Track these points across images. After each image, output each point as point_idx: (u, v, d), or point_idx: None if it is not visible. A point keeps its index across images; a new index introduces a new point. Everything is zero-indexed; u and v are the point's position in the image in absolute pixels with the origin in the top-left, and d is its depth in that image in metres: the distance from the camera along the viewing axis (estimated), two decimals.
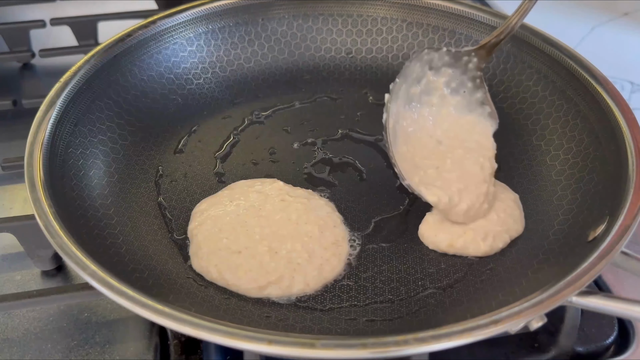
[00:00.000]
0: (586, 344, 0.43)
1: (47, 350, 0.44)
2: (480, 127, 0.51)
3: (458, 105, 0.52)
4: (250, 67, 0.64)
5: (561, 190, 0.50)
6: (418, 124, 0.51)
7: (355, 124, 0.60)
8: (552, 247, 0.45)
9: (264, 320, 0.41)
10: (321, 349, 0.33)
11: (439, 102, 0.52)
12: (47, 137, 0.47)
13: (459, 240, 0.46)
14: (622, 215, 0.40)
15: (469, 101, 0.52)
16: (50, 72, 0.74)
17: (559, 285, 0.36)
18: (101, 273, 0.37)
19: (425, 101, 0.51)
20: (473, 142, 0.51)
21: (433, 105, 0.52)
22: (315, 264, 0.45)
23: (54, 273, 0.50)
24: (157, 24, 0.59)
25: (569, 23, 0.84)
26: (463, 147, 0.50)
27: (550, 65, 0.56)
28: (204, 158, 0.56)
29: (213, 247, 0.46)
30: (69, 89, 0.51)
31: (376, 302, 0.44)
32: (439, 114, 0.52)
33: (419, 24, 0.63)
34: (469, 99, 0.52)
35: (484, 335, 0.34)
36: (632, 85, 0.73)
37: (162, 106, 0.59)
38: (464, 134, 0.51)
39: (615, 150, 0.47)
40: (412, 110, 0.51)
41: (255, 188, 0.51)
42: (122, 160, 0.53)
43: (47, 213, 0.40)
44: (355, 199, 0.52)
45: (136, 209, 0.50)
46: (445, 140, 0.51)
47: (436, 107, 0.52)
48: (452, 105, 0.52)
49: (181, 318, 0.34)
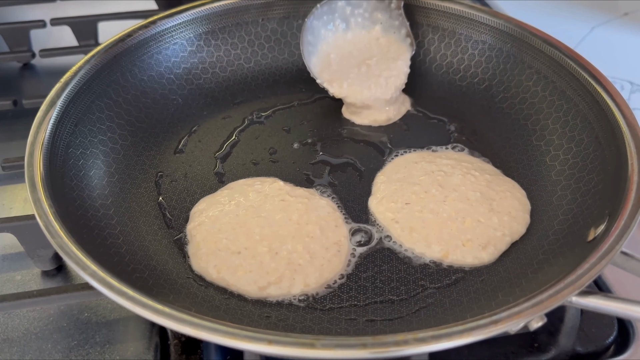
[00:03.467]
0: (586, 344, 0.43)
1: (47, 350, 0.44)
2: (397, 47, 0.61)
3: (380, 29, 0.62)
4: (250, 67, 0.64)
5: (561, 190, 0.50)
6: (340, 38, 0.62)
7: (355, 123, 0.60)
8: (552, 247, 0.45)
9: (264, 320, 0.41)
10: (321, 349, 0.33)
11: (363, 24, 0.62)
12: (47, 137, 0.47)
13: (456, 252, 0.46)
14: (622, 215, 0.40)
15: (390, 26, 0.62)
16: (50, 72, 0.74)
17: (559, 285, 0.36)
18: (101, 273, 0.37)
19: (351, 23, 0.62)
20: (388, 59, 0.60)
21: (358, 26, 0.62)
22: (316, 264, 0.45)
23: (54, 273, 0.50)
24: (157, 24, 0.59)
25: (569, 23, 0.84)
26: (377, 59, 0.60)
27: (550, 65, 0.56)
28: (204, 158, 0.56)
29: (212, 247, 0.46)
30: (69, 89, 0.51)
31: (376, 302, 0.44)
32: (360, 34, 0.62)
33: (419, 24, 0.63)
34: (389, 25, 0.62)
35: (484, 335, 0.34)
36: (632, 85, 0.73)
37: (162, 106, 0.59)
38: (379, 50, 0.61)
39: (615, 150, 0.47)
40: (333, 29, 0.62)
41: (255, 188, 0.51)
42: (122, 160, 0.53)
43: (47, 213, 0.40)
44: (355, 199, 0.52)
45: (136, 209, 0.50)
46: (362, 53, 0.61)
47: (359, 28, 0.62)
48: (376, 26, 0.62)
49: (181, 318, 0.34)
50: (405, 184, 0.51)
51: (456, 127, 0.59)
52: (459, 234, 0.47)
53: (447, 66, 0.63)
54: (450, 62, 0.63)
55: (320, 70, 0.60)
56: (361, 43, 0.62)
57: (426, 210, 0.49)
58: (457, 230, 0.47)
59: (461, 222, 0.48)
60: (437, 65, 0.64)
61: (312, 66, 0.60)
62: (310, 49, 0.60)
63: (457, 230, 0.47)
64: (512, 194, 0.50)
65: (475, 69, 0.62)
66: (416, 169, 0.53)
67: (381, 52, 0.61)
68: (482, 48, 0.61)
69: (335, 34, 0.62)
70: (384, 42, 0.62)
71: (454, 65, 0.63)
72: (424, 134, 0.58)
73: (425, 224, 0.48)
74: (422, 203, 0.49)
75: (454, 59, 0.63)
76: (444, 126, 0.59)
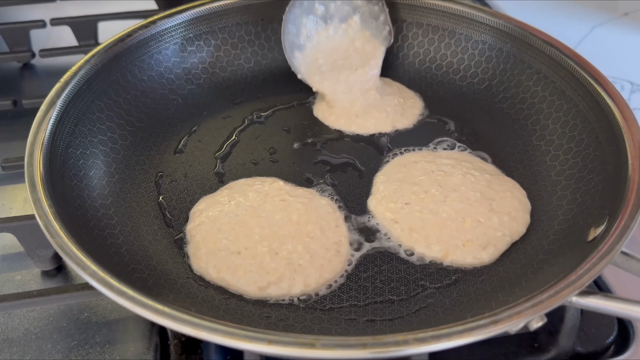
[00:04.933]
0: (586, 344, 0.43)
1: (47, 350, 0.44)
2: (374, 42, 0.63)
3: (358, 24, 0.63)
4: (250, 67, 0.64)
5: (561, 190, 0.50)
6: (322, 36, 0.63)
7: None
8: (552, 247, 0.45)
9: (264, 320, 0.41)
10: (321, 349, 0.33)
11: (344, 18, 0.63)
12: (47, 137, 0.47)
13: (456, 252, 0.46)
14: (622, 215, 0.40)
15: (368, 19, 0.63)
16: (50, 72, 0.74)
17: (559, 285, 0.36)
18: (101, 273, 0.37)
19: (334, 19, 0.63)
20: (363, 53, 0.62)
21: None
22: (316, 264, 0.45)
23: (54, 273, 0.50)
24: (157, 24, 0.59)
25: (569, 23, 0.84)
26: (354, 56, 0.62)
27: (550, 65, 0.56)
28: (204, 158, 0.56)
29: (212, 247, 0.46)
30: (69, 89, 0.51)
31: (376, 302, 0.44)
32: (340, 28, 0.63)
33: (419, 24, 0.63)
34: (367, 18, 0.63)
35: (484, 335, 0.34)
36: (632, 85, 0.73)
37: (162, 106, 0.59)
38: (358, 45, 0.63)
39: (615, 150, 0.47)
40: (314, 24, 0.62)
41: (255, 187, 0.51)
42: (122, 160, 0.53)
43: (47, 213, 0.40)
44: (355, 199, 0.52)
45: (136, 209, 0.50)
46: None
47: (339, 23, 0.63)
48: (354, 23, 0.63)
49: (181, 318, 0.34)
50: (405, 184, 0.51)
51: (456, 127, 0.59)
52: (459, 234, 0.47)
53: (447, 66, 0.63)
54: (450, 62, 0.63)
55: (307, 69, 0.61)
56: (341, 45, 0.63)
57: (426, 210, 0.49)
58: (457, 230, 0.47)
59: (461, 222, 0.48)
60: (437, 65, 0.64)
61: (294, 60, 0.61)
62: (293, 40, 0.61)
63: (457, 230, 0.47)
64: (512, 194, 0.50)
65: (475, 69, 0.62)
66: (416, 168, 0.53)
67: (358, 53, 0.63)
68: (482, 48, 0.61)
69: (316, 28, 0.62)
70: (359, 45, 0.63)
71: (454, 65, 0.63)
72: (423, 134, 0.58)
73: (425, 224, 0.48)
74: (422, 203, 0.49)
75: (454, 59, 0.63)
76: (444, 126, 0.59)
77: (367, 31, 0.62)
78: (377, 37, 0.62)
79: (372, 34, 0.62)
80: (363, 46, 0.62)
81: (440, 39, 0.63)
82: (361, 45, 0.62)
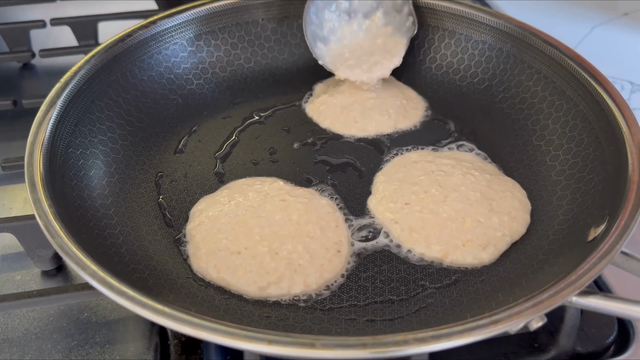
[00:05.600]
0: (586, 344, 0.43)
1: (47, 350, 0.44)
2: (395, 39, 0.63)
3: (381, 19, 0.63)
4: (250, 67, 0.64)
5: (561, 190, 0.50)
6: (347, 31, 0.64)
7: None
8: (552, 247, 0.45)
9: (264, 320, 0.41)
10: (321, 349, 0.33)
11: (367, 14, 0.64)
12: (47, 137, 0.47)
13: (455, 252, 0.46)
14: (622, 215, 0.40)
15: (391, 12, 0.63)
16: (50, 72, 0.74)
17: (559, 285, 0.36)
18: (101, 273, 0.37)
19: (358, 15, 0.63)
20: (385, 49, 0.63)
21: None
22: (316, 264, 0.45)
23: (54, 273, 0.50)
24: (157, 24, 0.59)
25: (569, 23, 0.84)
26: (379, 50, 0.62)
27: (550, 65, 0.56)
28: (204, 158, 0.56)
29: (212, 247, 0.46)
30: (69, 89, 0.51)
31: (376, 302, 0.44)
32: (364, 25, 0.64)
33: (418, 24, 0.63)
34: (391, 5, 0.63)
35: (484, 335, 0.34)
36: (632, 85, 0.73)
37: (162, 106, 0.59)
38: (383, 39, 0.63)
39: (615, 150, 0.47)
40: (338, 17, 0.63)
41: (255, 187, 0.51)
42: (122, 160, 0.53)
43: (47, 213, 0.40)
44: (355, 199, 0.52)
45: (136, 209, 0.50)
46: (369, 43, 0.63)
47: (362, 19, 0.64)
48: (377, 20, 0.63)
49: (181, 318, 0.34)
50: (405, 184, 0.51)
51: (456, 127, 0.59)
52: (459, 234, 0.47)
53: (447, 66, 0.63)
54: (450, 62, 0.63)
55: (332, 60, 0.62)
56: (364, 41, 0.63)
57: (426, 210, 0.49)
58: (457, 230, 0.47)
59: (461, 222, 0.48)
60: (437, 65, 0.64)
61: (316, 50, 0.62)
62: (315, 30, 0.62)
63: (457, 230, 0.47)
64: (512, 194, 0.50)
65: (475, 69, 0.62)
66: (416, 168, 0.53)
67: (380, 50, 0.63)
68: (482, 48, 0.61)
69: (340, 21, 0.63)
70: (380, 42, 0.63)
71: (454, 65, 0.63)
72: (423, 134, 0.58)
73: (425, 224, 0.48)
74: (422, 203, 0.49)
75: (454, 59, 0.63)
76: (444, 126, 0.59)
77: (389, 27, 0.63)
78: (399, 30, 0.62)
79: (394, 29, 0.63)
80: (385, 43, 0.63)
81: (440, 39, 0.63)
82: (383, 42, 0.63)
